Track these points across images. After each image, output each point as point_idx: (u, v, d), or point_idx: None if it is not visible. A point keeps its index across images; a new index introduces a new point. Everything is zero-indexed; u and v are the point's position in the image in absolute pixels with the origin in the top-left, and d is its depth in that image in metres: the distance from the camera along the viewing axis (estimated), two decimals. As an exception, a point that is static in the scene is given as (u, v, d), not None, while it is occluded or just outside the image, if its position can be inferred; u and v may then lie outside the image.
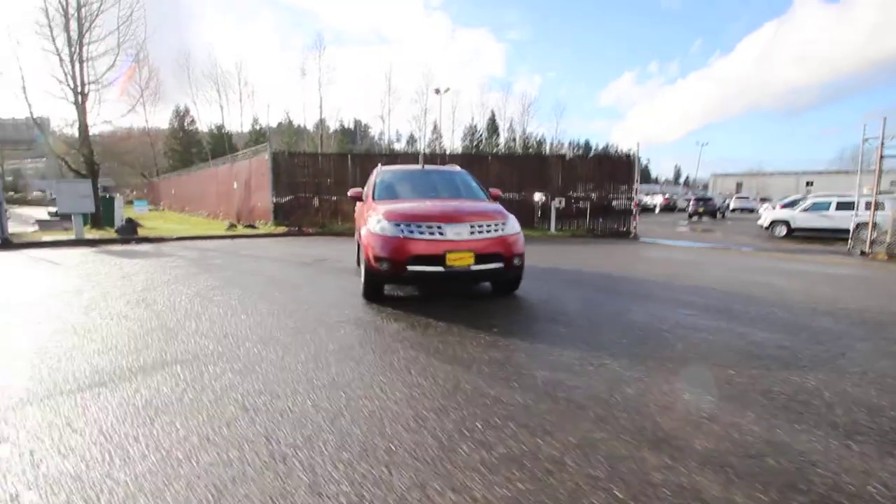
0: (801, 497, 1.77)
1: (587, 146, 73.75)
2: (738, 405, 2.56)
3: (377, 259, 4.65)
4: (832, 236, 15.20)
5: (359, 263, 7.66)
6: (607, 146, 72.93)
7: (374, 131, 70.42)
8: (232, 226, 15.08)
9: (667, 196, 41.10)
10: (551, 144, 66.25)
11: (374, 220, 4.85)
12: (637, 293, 5.65)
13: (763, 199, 41.95)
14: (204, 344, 3.59)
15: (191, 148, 53.04)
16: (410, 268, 4.57)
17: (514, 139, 67.39)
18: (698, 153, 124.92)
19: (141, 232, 12.62)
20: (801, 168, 54.48)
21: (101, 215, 12.53)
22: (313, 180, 15.81)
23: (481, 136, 66.96)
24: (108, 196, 14.30)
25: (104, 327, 4.01)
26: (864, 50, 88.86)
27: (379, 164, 6.66)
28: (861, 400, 2.63)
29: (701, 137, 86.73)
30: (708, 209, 29.08)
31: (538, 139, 67.52)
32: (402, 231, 4.62)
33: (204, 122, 56.39)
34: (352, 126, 71.87)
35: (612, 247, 11.99)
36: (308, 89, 73.40)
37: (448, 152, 40.65)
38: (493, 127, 67.97)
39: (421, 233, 4.60)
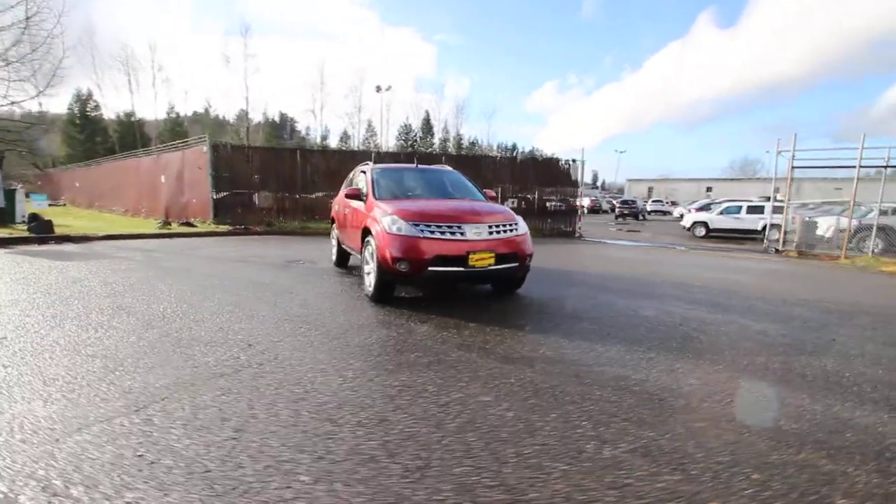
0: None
1: (514, 149, 76.55)
2: (790, 389, 2.86)
3: (395, 260, 4.51)
4: (743, 236, 17.32)
5: (338, 265, 7.40)
6: (533, 150, 76.10)
7: (302, 126, 67.57)
8: (166, 223, 13.67)
9: (593, 199, 44.01)
10: (482, 146, 68.13)
11: (388, 220, 4.69)
12: (629, 290, 6.02)
13: (673, 203, 46.51)
14: (233, 354, 3.26)
15: (94, 136, 47.15)
16: (431, 268, 4.50)
17: (448, 140, 68.37)
18: (617, 160, 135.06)
19: (55, 230, 11.01)
20: (702, 175, 61.17)
21: (6, 211, 10.75)
22: (257, 175, 14.87)
23: (416, 135, 67.01)
24: (9, 189, 12.29)
25: (95, 341, 3.47)
26: (751, 72, 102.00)
27: (370, 162, 6.45)
28: (877, 378, 3.07)
29: (616, 145, 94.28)
30: (632, 212, 32.02)
31: (472, 140, 69.17)
32: (423, 231, 4.52)
33: (110, 108, 50.51)
34: (278, 119, 68.35)
35: (567, 246, 12.62)
36: (231, 78, 68.68)
37: (384, 150, 40.17)
38: (427, 127, 68.36)
39: (442, 233, 4.54)
